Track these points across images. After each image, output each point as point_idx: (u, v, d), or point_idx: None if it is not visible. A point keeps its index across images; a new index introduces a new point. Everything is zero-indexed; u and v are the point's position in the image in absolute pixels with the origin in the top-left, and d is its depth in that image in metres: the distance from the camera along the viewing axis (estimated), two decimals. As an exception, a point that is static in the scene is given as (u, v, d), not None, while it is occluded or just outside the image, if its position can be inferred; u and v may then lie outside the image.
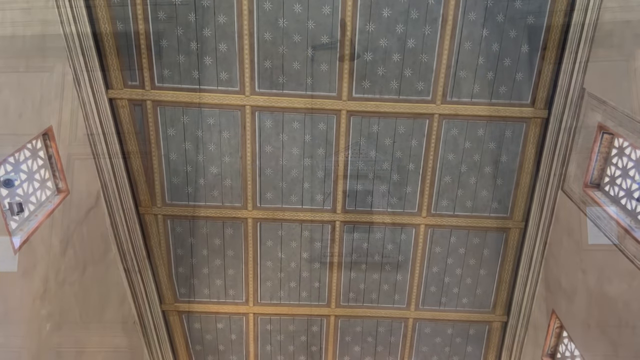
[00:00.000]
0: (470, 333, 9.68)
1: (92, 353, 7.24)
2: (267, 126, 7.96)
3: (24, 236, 5.80)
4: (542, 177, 8.24)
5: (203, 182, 8.28)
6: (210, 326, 9.43)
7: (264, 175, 8.30)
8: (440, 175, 8.37)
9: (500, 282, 9.19)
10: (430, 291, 9.30)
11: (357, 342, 9.71)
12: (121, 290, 8.32)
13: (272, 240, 8.81)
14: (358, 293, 9.30)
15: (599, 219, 6.97)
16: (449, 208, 8.62)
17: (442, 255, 9.01)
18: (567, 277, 7.84)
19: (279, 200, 8.50)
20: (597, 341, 6.99)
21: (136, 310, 8.70)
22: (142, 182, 8.17)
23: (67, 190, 6.78)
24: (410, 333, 9.60)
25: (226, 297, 9.20)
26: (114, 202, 7.98)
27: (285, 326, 9.50)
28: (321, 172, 8.33)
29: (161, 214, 8.44)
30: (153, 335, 9.07)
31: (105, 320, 7.69)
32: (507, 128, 8.08)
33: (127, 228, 8.26)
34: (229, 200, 8.43)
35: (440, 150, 8.18)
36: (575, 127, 7.62)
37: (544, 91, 7.79)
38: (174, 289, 9.07)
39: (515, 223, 8.68)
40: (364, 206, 8.60)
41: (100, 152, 7.64)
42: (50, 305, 6.24)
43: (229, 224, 8.62)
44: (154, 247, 8.65)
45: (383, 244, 8.92)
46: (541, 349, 8.63)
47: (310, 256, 8.97)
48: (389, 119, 7.97)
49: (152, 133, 7.90)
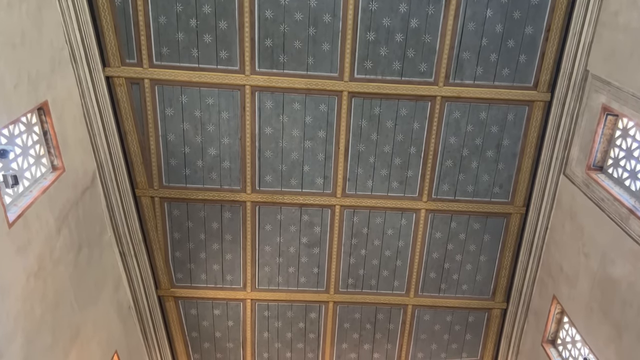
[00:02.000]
0: (470, 320, 9.61)
1: (87, 337, 7.07)
2: (267, 107, 7.83)
3: (18, 211, 5.64)
4: (543, 162, 8.18)
5: (201, 164, 8.13)
6: (206, 312, 9.28)
7: (264, 157, 8.16)
8: (441, 159, 8.28)
9: (501, 268, 9.12)
10: (430, 277, 9.21)
11: (355, 329, 9.60)
12: (116, 274, 8.16)
13: (271, 225, 8.68)
14: (357, 279, 9.20)
15: (603, 201, 6.91)
16: (449, 193, 8.54)
17: (443, 241, 8.93)
18: (568, 262, 7.78)
19: (278, 184, 8.37)
20: (600, 324, 6.93)
21: (131, 295, 8.54)
22: (139, 163, 8.01)
23: (62, 168, 6.61)
24: (410, 320, 9.51)
25: (223, 282, 9.05)
26: (110, 183, 7.82)
27: (283, 312, 9.37)
28: (321, 155, 8.20)
29: (158, 196, 8.28)
30: (148, 321, 8.90)
31: (100, 304, 7.53)
32: (509, 111, 8.00)
33: (123, 210, 8.10)
34: (228, 183, 8.29)
35: (442, 133, 8.09)
36: (578, 110, 7.57)
37: (547, 74, 7.72)
38: (171, 273, 8.91)
39: (516, 208, 8.62)
40: (365, 190, 8.49)
41: (97, 131, 7.48)
42: (45, 284, 6.07)
43: (227, 208, 8.48)
44: (150, 230, 8.49)
45: (383, 229, 8.82)
46: (541, 335, 8.58)
47: (309, 241, 8.84)
48: (390, 101, 7.86)
49: (149, 113, 7.75)
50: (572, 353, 7.97)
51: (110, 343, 7.77)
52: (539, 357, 8.63)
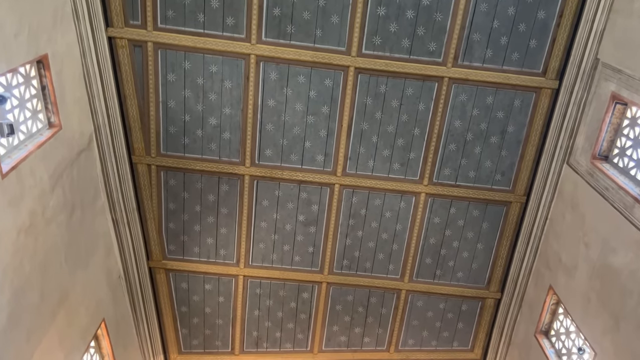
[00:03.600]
0: (463, 309, 9.53)
1: (75, 302, 6.89)
2: (271, 78, 7.67)
3: (12, 163, 5.46)
4: (547, 150, 8.10)
5: (201, 133, 7.97)
6: (197, 287, 9.12)
7: (265, 130, 8.01)
8: (445, 143, 8.17)
9: (497, 257, 9.05)
10: (426, 263, 9.11)
11: (347, 311, 9.49)
12: (108, 242, 7.98)
13: (268, 200, 8.53)
14: (352, 261, 9.08)
15: (607, 190, 6.83)
16: (451, 177, 8.43)
17: (441, 227, 8.83)
18: (568, 252, 7.70)
19: (278, 159, 8.22)
20: (597, 314, 6.86)
21: (122, 265, 8.36)
22: (137, 128, 7.83)
23: (59, 126, 6.42)
24: (402, 305, 9.41)
25: (216, 257, 8.90)
26: (107, 147, 7.63)
27: (276, 291, 9.24)
28: (324, 132, 8.06)
29: (155, 164, 8.10)
30: (137, 292, 8.73)
31: (90, 269, 7.35)
32: (516, 97, 7.90)
33: (118, 176, 7.92)
34: (227, 154, 8.13)
35: (447, 116, 7.97)
36: (585, 99, 7.48)
37: (556, 61, 7.62)
38: (163, 245, 8.74)
39: (516, 197, 8.53)
40: (365, 170, 8.37)
41: (96, 93, 7.29)
42: (36, 242, 5.90)
43: (225, 180, 8.32)
44: (144, 199, 8.32)
45: (381, 211, 8.70)
46: (535, 326, 8.51)
47: (306, 219, 8.71)
48: (397, 80, 7.73)
49: (151, 77, 7.57)
50: (565, 344, 7.91)
51: (99, 310, 7.60)
52: (532, 347, 8.57)
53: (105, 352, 7.86)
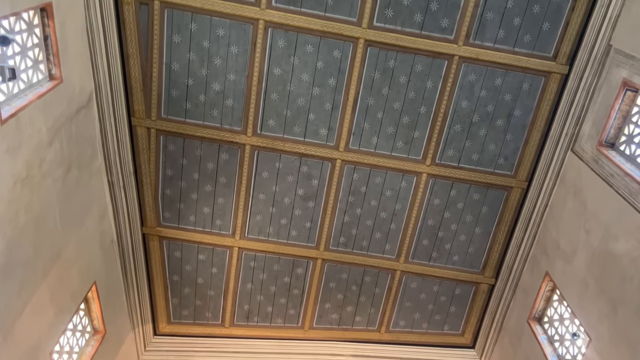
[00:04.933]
0: (456, 293, 9.50)
1: (67, 261, 6.74)
2: (278, 46, 7.51)
3: (12, 110, 5.28)
4: (552, 137, 8.04)
5: (203, 98, 7.79)
6: (191, 256, 8.99)
7: (269, 100, 7.85)
8: (450, 123, 8.08)
9: (494, 242, 9.01)
10: (422, 244, 9.06)
11: (341, 289, 9.42)
12: (102, 204, 7.81)
13: (268, 172, 8.40)
14: (349, 238, 9.00)
15: (612, 176, 6.79)
16: (454, 159, 8.35)
17: (440, 208, 8.76)
18: (567, 238, 7.68)
19: (280, 129, 8.08)
20: (595, 300, 6.85)
21: (116, 229, 8.19)
22: (138, 89, 7.64)
23: (60, 79, 6.23)
24: (396, 286, 9.36)
25: (212, 226, 8.76)
26: (106, 107, 7.43)
27: (270, 265, 9.13)
28: (329, 105, 7.93)
29: (154, 127, 7.92)
30: (130, 259, 8.57)
31: (83, 230, 7.19)
32: (525, 80, 7.81)
33: (117, 138, 7.72)
34: (229, 122, 7.97)
35: (454, 95, 7.87)
36: (595, 86, 7.41)
37: (568, 45, 7.54)
38: (158, 211, 8.59)
39: (518, 182, 8.48)
40: (368, 147, 8.26)
41: (98, 49, 7.07)
42: (31, 193, 5.73)
43: (225, 149, 8.17)
44: (142, 163, 8.14)
45: (382, 189, 8.61)
46: (528, 312, 8.51)
47: (305, 194, 8.60)
48: (407, 55, 7.60)
49: (156, 37, 7.36)
50: (559, 330, 7.91)
51: (90, 273, 7.44)
52: (523, 334, 8.57)
53: (94, 315, 7.72)
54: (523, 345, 8.55)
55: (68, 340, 7.08)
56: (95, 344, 7.65)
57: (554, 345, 7.93)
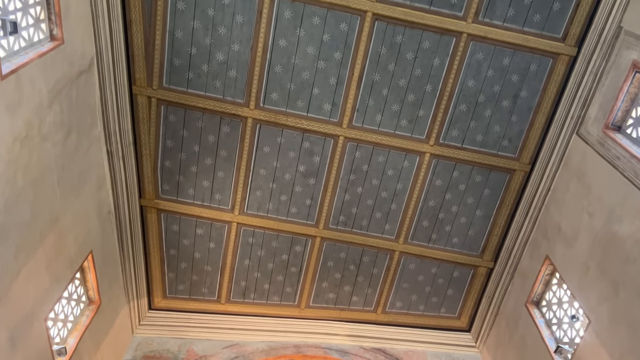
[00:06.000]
0: (454, 275, 9.47)
1: (64, 228, 6.62)
2: (285, 17, 7.36)
3: (12, 67, 5.14)
4: (558, 120, 7.97)
5: (206, 68, 7.65)
6: (189, 230, 8.88)
7: (273, 72, 7.72)
8: (456, 102, 7.98)
9: (494, 225, 8.97)
10: (422, 225, 9.00)
11: (338, 268, 9.37)
12: (101, 174, 7.67)
13: (270, 147, 8.29)
14: (349, 217, 8.92)
15: (618, 159, 6.74)
16: (458, 139, 8.27)
17: (442, 190, 8.69)
18: (569, 222, 7.64)
19: (284, 103, 7.95)
20: (595, 282, 6.83)
21: (113, 199, 8.07)
22: (140, 57, 7.49)
23: (61, 40, 6.07)
24: (394, 267, 9.31)
25: (211, 201, 8.66)
26: (107, 74, 7.27)
27: (268, 241, 9.05)
28: (334, 79, 7.81)
29: (156, 97, 7.77)
30: (127, 231, 8.46)
31: (81, 198, 7.06)
32: (533, 61, 7.72)
33: (117, 106, 7.58)
34: (231, 94, 7.84)
35: (461, 74, 7.77)
36: (603, 69, 7.33)
37: (577, 27, 7.44)
38: (157, 183, 8.46)
39: (521, 165, 8.41)
40: (372, 124, 8.15)
41: (101, 13, 6.90)
42: (30, 155, 5.60)
43: (227, 121, 8.04)
44: (142, 133, 8.01)
45: (384, 168, 8.53)
46: (526, 296, 8.49)
47: (306, 170, 8.50)
48: (415, 31, 7.48)
49: (159, 4, 7.19)
50: (557, 314, 7.89)
51: (87, 242, 7.33)
52: (520, 317, 8.55)
53: (90, 285, 7.62)
54: (520, 329, 8.54)
55: (63, 308, 6.98)
56: (90, 314, 7.56)
57: (552, 328, 7.92)
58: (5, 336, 5.38)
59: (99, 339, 7.85)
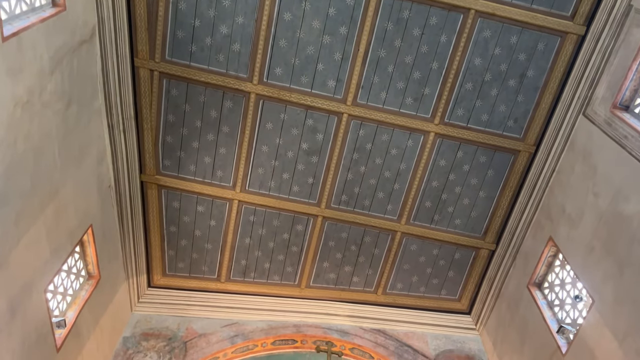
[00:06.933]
0: (456, 257, 9.43)
1: (65, 200, 6.52)
2: (291, -11, 7.25)
3: (13, 29, 5.02)
4: (564, 100, 7.89)
5: (210, 41, 7.52)
6: (190, 207, 8.80)
7: (277, 46, 7.60)
8: (462, 81, 7.89)
9: (498, 207, 8.92)
10: (425, 206, 8.94)
11: (340, 248, 9.31)
12: (101, 147, 7.56)
13: (273, 123, 8.19)
14: (351, 196, 8.85)
15: (626, 138, 6.67)
16: (463, 119, 8.19)
17: (445, 170, 8.63)
18: (573, 203, 7.58)
19: (287, 79, 7.84)
20: (600, 262, 6.79)
21: (114, 174, 7.96)
22: (143, 28, 7.35)
23: (63, 6, 5.94)
24: (396, 248, 9.26)
25: (212, 177, 8.57)
26: (109, 45, 7.14)
27: (270, 220, 8.98)
28: (339, 55, 7.70)
29: (158, 70, 7.65)
30: (127, 207, 8.37)
31: (81, 171, 6.96)
32: (541, 40, 7.62)
33: (118, 79, 7.46)
34: (235, 68, 7.72)
35: (468, 52, 7.67)
36: (612, 47, 7.24)
37: (586, 5, 7.33)
38: (158, 159, 8.36)
39: (526, 146, 8.34)
40: (377, 102, 8.06)
41: (103, -18, 6.78)
42: (31, 122, 5.50)
43: (230, 96, 7.93)
44: (143, 107, 7.89)
45: (387, 147, 8.45)
46: (528, 278, 8.45)
47: (309, 148, 8.41)
48: (422, 6, 7.37)
49: (163, -27, 7.07)
50: (559, 295, 7.86)
51: (87, 216, 7.24)
52: (522, 299, 8.52)
53: (89, 260, 7.54)
54: (521, 310, 8.52)
55: (62, 281, 6.91)
56: (90, 288, 7.48)
57: (554, 310, 7.89)
58: (4, 304, 5.30)
59: (97, 314, 7.78)
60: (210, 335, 8.89)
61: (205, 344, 8.72)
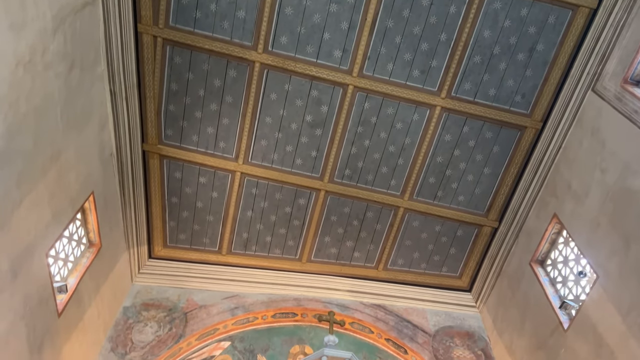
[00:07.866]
0: (458, 234, 9.39)
1: (66, 164, 6.43)
2: (298, -45, 7.09)
3: (16, -16, 4.89)
4: (573, 75, 7.78)
5: (214, 8, 7.38)
6: (191, 178, 8.72)
7: (283, 14, 7.46)
8: (470, 53, 7.76)
9: (502, 184, 8.85)
10: (429, 182, 8.87)
11: (341, 223, 9.26)
12: (103, 113, 7.44)
13: (277, 94, 8.07)
14: (354, 171, 8.77)
15: (636, 112, 6.59)
16: (470, 93, 8.08)
17: (451, 145, 8.54)
18: (580, 179, 7.52)
19: (293, 48, 7.71)
20: (606, 237, 6.75)
21: (116, 142, 7.85)
22: (147, -8, 7.21)
23: (66, -36, 5.80)
24: (398, 223, 9.22)
25: (215, 148, 8.47)
26: (112, 8, 6.97)
27: (272, 193, 8.91)
28: (345, 24, 7.56)
29: (161, 36, 7.51)
30: (128, 176, 8.27)
31: (83, 137, 6.85)
32: (551, 13, 7.49)
33: (121, 44, 7.32)
34: (239, 36, 7.58)
35: (477, 23, 7.54)
36: (624, 21, 7.12)
37: (600, -22, 7.21)
38: (160, 128, 8.25)
39: (533, 122, 8.25)
40: (383, 74, 7.94)
41: (106, -58, 6.61)
42: (33, 83, 5.38)
43: (234, 65, 7.80)
44: (146, 74, 7.76)
45: (393, 121, 8.35)
46: (531, 255, 8.42)
47: (313, 120, 8.31)
48: (432, -25, 7.23)
49: None
50: (562, 272, 7.84)
51: (88, 182, 7.15)
52: (524, 277, 8.50)
53: (90, 227, 7.47)
54: (522, 287, 8.50)
55: (64, 247, 6.85)
56: (91, 256, 7.43)
57: (556, 286, 7.88)
58: (6, 265, 5.25)
59: (98, 282, 7.75)
60: (210, 307, 8.87)
61: (206, 315, 8.70)
